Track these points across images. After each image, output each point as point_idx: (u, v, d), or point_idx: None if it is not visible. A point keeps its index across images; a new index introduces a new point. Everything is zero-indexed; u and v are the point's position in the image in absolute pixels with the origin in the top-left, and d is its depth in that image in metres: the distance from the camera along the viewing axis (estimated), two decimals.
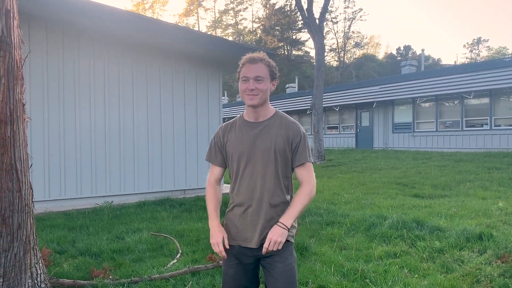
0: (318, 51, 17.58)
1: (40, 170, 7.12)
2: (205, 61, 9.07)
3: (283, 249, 2.10)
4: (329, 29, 49.79)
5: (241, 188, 2.14)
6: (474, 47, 61.07)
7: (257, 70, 2.08)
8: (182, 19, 59.53)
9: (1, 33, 2.76)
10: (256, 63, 2.09)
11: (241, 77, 2.10)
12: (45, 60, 7.25)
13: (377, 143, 21.47)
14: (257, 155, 2.10)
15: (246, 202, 2.12)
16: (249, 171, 2.12)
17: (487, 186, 9.07)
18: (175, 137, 8.69)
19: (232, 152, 2.17)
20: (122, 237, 5.34)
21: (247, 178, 2.12)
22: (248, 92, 2.08)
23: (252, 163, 2.11)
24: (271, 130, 2.12)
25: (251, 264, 2.17)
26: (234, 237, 2.17)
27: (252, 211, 2.11)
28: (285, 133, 2.12)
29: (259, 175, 2.10)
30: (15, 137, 2.90)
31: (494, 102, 16.87)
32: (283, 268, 2.08)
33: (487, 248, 4.43)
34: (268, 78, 2.11)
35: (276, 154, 2.10)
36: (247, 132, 2.15)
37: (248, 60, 2.10)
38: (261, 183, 2.09)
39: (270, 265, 2.11)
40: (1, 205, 2.84)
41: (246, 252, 2.15)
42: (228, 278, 2.20)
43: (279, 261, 2.09)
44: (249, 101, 2.09)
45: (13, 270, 2.89)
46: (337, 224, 5.78)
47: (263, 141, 2.11)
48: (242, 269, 2.17)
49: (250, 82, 2.07)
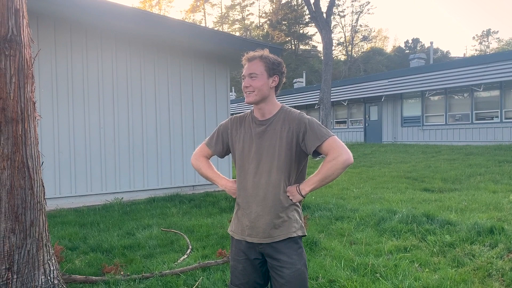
0: (326, 45, 17.49)
1: (51, 168, 7.19)
2: (213, 57, 9.07)
3: (291, 250, 2.09)
4: (336, 23, 49.55)
5: (247, 184, 2.14)
6: (484, 39, 60.31)
7: (252, 67, 2.11)
8: (189, 15, 59.53)
9: (11, 32, 2.79)
10: (253, 60, 2.12)
11: (241, 76, 2.16)
12: (53, 58, 7.30)
13: (386, 137, 21.34)
14: (264, 151, 2.11)
15: (252, 198, 2.13)
16: (254, 166, 2.12)
17: (497, 179, 8.99)
18: (183, 133, 8.71)
19: (240, 148, 2.18)
20: (132, 233, 5.38)
21: (253, 173, 2.12)
22: (244, 90, 2.12)
23: (259, 159, 2.11)
24: (276, 127, 2.12)
25: (259, 260, 2.17)
26: (241, 233, 2.18)
27: (257, 207, 2.11)
28: (289, 127, 2.11)
29: (266, 171, 2.10)
30: (26, 135, 2.93)
31: (505, 94, 16.67)
32: (292, 274, 2.07)
33: (499, 242, 4.39)
34: (264, 74, 2.10)
35: (281, 150, 2.09)
36: (254, 129, 2.16)
37: (246, 58, 2.14)
38: (266, 179, 2.09)
39: (276, 269, 2.10)
40: (14, 203, 2.87)
41: (254, 247, 2.16)
42: (237, 273, 2.21)
43: (286, 267, 2.07)
44: (246, 99, 2.14)
45: (27, 266, 2.93)
46: (347, 219, 5.77)
47: (269, 138, 2.12)
48: (250, 265, 2.18)
49: (246, 79, 2.11)
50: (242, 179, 2.17)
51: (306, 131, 2.09)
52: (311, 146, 2.07)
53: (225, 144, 2.27)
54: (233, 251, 2.24)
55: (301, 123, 2.10)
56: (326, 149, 2.06)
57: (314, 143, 2.06)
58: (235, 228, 2.22)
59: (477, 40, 61.81)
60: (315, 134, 2.07)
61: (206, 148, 2.34)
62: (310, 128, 2.09)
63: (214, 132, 2.32)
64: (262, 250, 2.14)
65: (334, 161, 2.02)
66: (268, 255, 2.13)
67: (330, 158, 2.04)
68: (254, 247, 2.15)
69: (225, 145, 2.27)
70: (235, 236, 2.21)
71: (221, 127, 2.29)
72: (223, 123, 2.31)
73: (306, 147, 2.10)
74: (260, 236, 2.11)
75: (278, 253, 2.10)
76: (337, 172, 2.04)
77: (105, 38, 7.83)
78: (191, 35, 8.20)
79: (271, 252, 2.11)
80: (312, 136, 2.07)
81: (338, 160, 2.01)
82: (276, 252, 2.10)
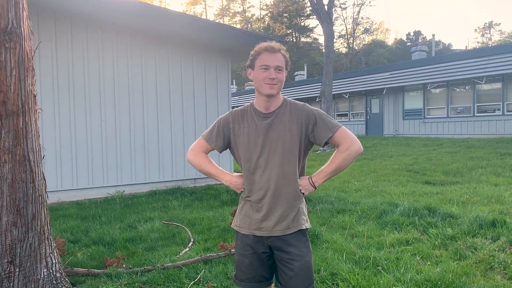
0: (327, 38, 17.41)
1: (52, 161, 7.18)
2: (214, 50, 9.03)
3: (300, 243, 2.11)
4: (338, 15, 49.28)
5: (256, 178, 2.11)
6: (486, 31, 59.92)
7: (277, 59, 2.04)
8: (190, 8, 59.22)
9: (12, 24, 2.76)
10: (276, 52, 2.05)
11: (260, 66, 2.04)
12: (54, 51, 7.27)
13: (387, 130, 21.31)
14: (272, 144, 2.08)
15: (262, 191, 2.10)
16: (263, 160, 2.08)
17: (499, 172, 8.98)
18: (184, 126, 8.70)
19: (245, 142, 2.13)
20: (134, 226, 5.39)
21: (262, 167, 2.09)
22: (268, 81, 2.03)
23: (267, 152, 2.08)
24: (283, 118, 2.09)
25: (267, 254, 2.16)
26: (248, 227, 2.16)
27: (269, 200, 2.09)
28: (297, 119, 2.09)
29: (276, 164, 2.07)
30: (27, 128, 2.91)
31: (507, 87, 16.59)
32: (301, 267, 2.08)
33: (501, 235, 4.39)
34: (284, 69, 2.09)
35: (292, 142, 2.07)
36: (260, 122, 2.11)
37: (266, 49, 2.05)
38: (278, 172, 2.07)
39: (286, 262, 2.10)
40: (16, 196, 2.87)
41: (262, 241, 2.14)
42: (243, 268, 2.19)
43: (296, 259, 2.09)
44: (269, 90, 2.04)
45: (29, 260, 2.93)
46: (348, 212, 5.77)
47: (277, 130, 2.08)
48: (258, 259, 2.16)
49: (271, 71, 2.03)
50: (251, 174, 2.13)
51: (317, 123, 2.08)
52: (323, 137, 2.07)
53: (226, 139, 2.20)
54: (239, 246, 2.21)
55: (310, 115, 2.09)
56: (337, 139, 2.08)
57: (326, 134, 2.07)
58: (241, 222, 2.19)
59: (479, 33, 61.38)
60: (326, 125, 2.08)
61: (205, 143, 2.25)
62: (321, 119, 2.09)
63: (214, 126, 2.24)
64: (271, 243, 2.13)
65: (347, 151, 2.06)
66: (277, 248, 2.12)
67: (343, 149, 2.07)
68: (262, 241, 2.14)
69: (226, 139, 2.20)
70: (242, 230, 2.19)
71: (221, 121, 2.22)
72: (223, 117, 2.23)
73: (316, 139, 2.09)
74: (271, 229, 2.10)
75: (288, 245, 2.09)
76: (350, 162, 2.09)
77: (106, 30, 7.79)
78: (192, 28, 8.15)
79: (280, 245, 2.10)
80: (323, 127, 2.08)
81: (352, 150, 2.06)
82: (286, 245, 2.10)
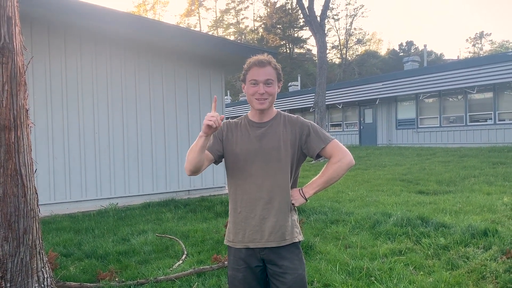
0: (320, 49, 17.55)
1: (45, 173, 7.15)
2: (207, 62, 9.08)
3: (293, 255, 2.08)
4: (330, 27, 49.60)
5: (249, 187, 2.09)
6: (477, 41, 60.53)
7: (267, 73, 2.04)
8: (184, 19, 59.48)
9: (4, 40, 2.78)
10: (265, 66, 2.04)
11: (249, 80, 2.05)
12: (47, 64, 7.28)
13: (380, 140, 21.42)
14: (266, 153, 2.07)
15: (255, 201, 2.07)
16: (256, 169, 2.07)
17: (492, 181, 9.04)
18: (178, 138, 8.70)
19: (238, 150, 2.11)
20: (127, 239, 5.36)
21: (254, 176, 2.07)
22: (258, 96, 2.03)
23: (260, 162, 2.07)
24: (277, 128, 2.10)
25: (260, 267, 2.12)
26: (241, 240, 2.11)
27: (262, 210, 2.07)
28: (291, 129, 2.10)
29: (269, 173, 2.06)
30: (19, 142, 2.92)
31: (498, 96, 16.79)
32: (294, 280, 2.05)
33: (492, 244, 4.41)
34: (275, 81, 2.08)
35: (285, 152, 2.07)
36: (253, 131, 2.12)
37: (255, 63, 2.05)
38: (271, 181, 2.06)
39: (278, 276, 2.07)
40: (7, 211, 2.86)
41: (255, 254, 2.10)
42: (236, 282, 2.13)
43: (288, 272, 2.06)
44: (259, 105, 2.05)
45: (20, 274, 2.92)
46: (342, 222, 5.78)
47: (270, 139, 2.09)
48: (251, 273, 2.11)
49: (260, 86, 2.03)
50: (242, 182, 2.10)
51: (310, 134, 2.11)
52: (316, 148, 2.10)
53: (220, 147, 2.15)
54: (232, 260, 2.16)
55: (304, 126, 2.12)
56: (330, 151, 2.11)
57: (318, 145, 2.10)
58: (234, 237, 2.14)
59: (470, 43, 61.96)
60: (319, 137, 2.11)
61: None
62: (314, 131, 2.12)
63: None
64: (264, 256, 2.09)
65: (339, 162, 2.08)
66: (270, 262, 2.09)
67: (335, 160, 2.09)
68: (254, 254, 2.10)
69: (220, 147, 2.15)
70: (235, 245, 2.14)
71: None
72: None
73: (309, 150, 2.11)
74: (265, 240, 2.07)
75: (281, 259, 2.07)
76: (341, 174, 2.11)
77: (99, 43, 7.82)
78: (185, 40, 8.22)
79: (274, 258, 2.07)
80: (316, 138, 2.11)
81: (343, 162, 2.09)
82: (279, 258, 2.07)
